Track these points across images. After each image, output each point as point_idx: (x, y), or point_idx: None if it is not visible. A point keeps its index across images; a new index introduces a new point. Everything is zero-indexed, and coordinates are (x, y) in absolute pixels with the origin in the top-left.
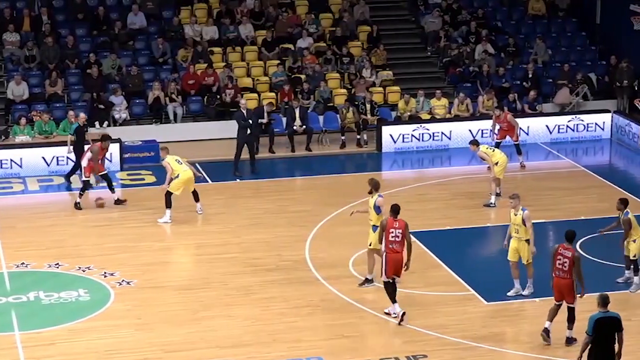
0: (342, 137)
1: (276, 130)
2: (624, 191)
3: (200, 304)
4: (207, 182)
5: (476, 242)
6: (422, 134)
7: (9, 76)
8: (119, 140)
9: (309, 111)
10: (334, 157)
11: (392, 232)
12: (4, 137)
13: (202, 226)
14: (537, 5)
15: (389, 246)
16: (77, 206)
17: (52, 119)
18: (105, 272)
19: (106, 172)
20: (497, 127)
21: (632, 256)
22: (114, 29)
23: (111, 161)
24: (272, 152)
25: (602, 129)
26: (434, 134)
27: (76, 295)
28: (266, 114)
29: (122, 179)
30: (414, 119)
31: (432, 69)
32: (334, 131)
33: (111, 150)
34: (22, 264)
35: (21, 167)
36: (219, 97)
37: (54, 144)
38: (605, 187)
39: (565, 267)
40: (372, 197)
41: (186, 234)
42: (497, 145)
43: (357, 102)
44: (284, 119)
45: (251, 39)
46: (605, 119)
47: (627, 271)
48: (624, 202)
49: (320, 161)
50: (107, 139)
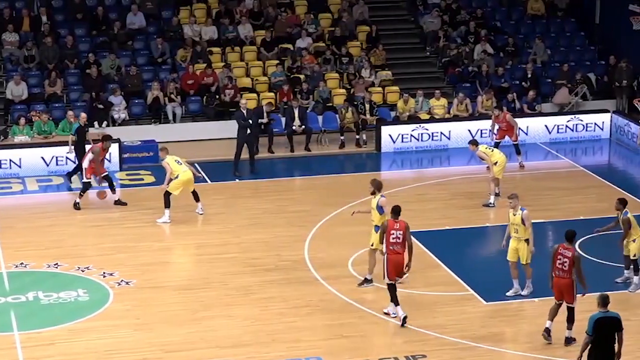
0: (341, 137)
1: (275, 130)
2: (623, 191)
3: (199, 304)
4: (206, 182)
5: (475, 242)
6: (421, 134)
7: (8, 76)
8: (118, 140)
9: (308, 111)
10: (333, 157)
11: (393, 233)
12: (3, 137)
13: (202, 226)
14: (536, 5)
15: (390, 248)
16: (77, 206)
17: (51, 119)
18: (104, 272)
19: (107, 173)
20: (496, 127)
21: (632, 256)
22: (113, 29)
23: (110, 161)
24: (272, 152)
25: (601, 129)
26: (433, 134)
27: (75, 295)
28: (265, 114)
29: (121, 179)
30: (413, 119)
31: (431, 69)
32: (333, 131)
33: (110, 150)
34: (21, 264)
35: (20, 167)
36: (218, 97)
37: (53, 144)
38: (604, 187)
39: (565, 266)
40: (374, 198)
41: (185, 234)
42: (496, 145)
43: (356, 102)
44: (283, 119)
45: (250, 39)
46: (604, 119)
47: (626, 271)
48: (622, 202)
49: (319, 161)
50: (108, 139)
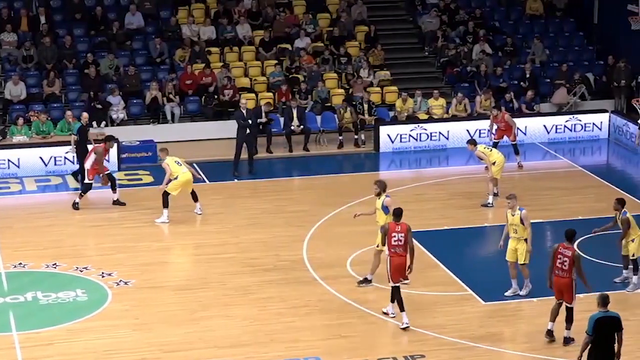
0: (340, 137)
1: (274, 130)
2: (622, 191)
3: (198, 304)
4: (204, 182)
5: (474, 242)
6: (420, 134)
7: (7, 76)
8: (116, 140)
9: (306, 111)
10: (332, 157)
11: (394, 236)
12: (1, 137)
13: (200, 226)
14: (535, 5)
15: (392, 250)
16: (75, 206)
17: (49, 119)
18: (103, 272)
19: (109, 171)
20: (495, 127)
21: (632, 255)
22: (111, 29)
23: (109, 161)
24: (270, 152)
25: (600, 129)
26: (431, 134)
27: (74, 295)
28: (264, 114)
29: (119, 179)
30: (412, 119)
31: (429, 69)
32: (332, 131)
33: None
34: (20, 264)
35: (19, 167)
36: (216, 97)
37: (52, 144)
38: (602, 187)
39: (565, 266)
40: (379, 199)
41: (184, 234)
42: (495, 145)
43: (354, 102)
44: (282, 119)
45: (249, 39)
46: (602, 119)
47: (624, 271)
48: (621, 202)
49: (317, 161)
50: (112, 140)
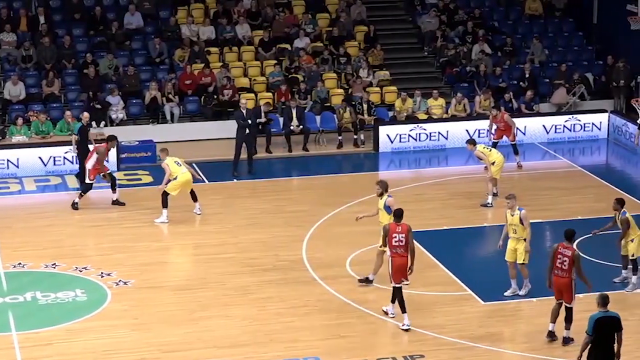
0: (339, 137)
1: (273, 130)
2: (621, 191)
3: (197, 304)
4: (204, 182)
5: (473, 242)
6: (419, 134)
7: (6, 76)
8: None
9: (306, 111)
10: (331, 157)
11: (395, 236)
12: (0, 138)
13: (200, 226)
14: (534, 5)
15: (393, 251)
16: (75, 206)
17: (49, 119)
18: (102, 272)
19: (110, 171)
20: (494, 127)
21: (631, 255)
22: (110, 29)
23: (108, 161)
24: (269, 152)
25: (599, 129)
26: (430, 134)
27: (73, 295)
28: (263, 114)
29: (119, 179)
30: (411, 119)
31: (429, 69)
32: (331, 131)
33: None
34: (19, 264)
35: (18, 167)
36: (216, 97)
37: (51, 144)
38: (602, 187)
39: (564, 265)
40: (381, 199)
41: (183, 234)
42: (494, 145)
43: (354, 102)
44: (281, 119)
45: (248, 39)
46: (602, 119)
47: (624, 271)
48: (620, 202)
49: (317, 161)
50: (113, 140)
